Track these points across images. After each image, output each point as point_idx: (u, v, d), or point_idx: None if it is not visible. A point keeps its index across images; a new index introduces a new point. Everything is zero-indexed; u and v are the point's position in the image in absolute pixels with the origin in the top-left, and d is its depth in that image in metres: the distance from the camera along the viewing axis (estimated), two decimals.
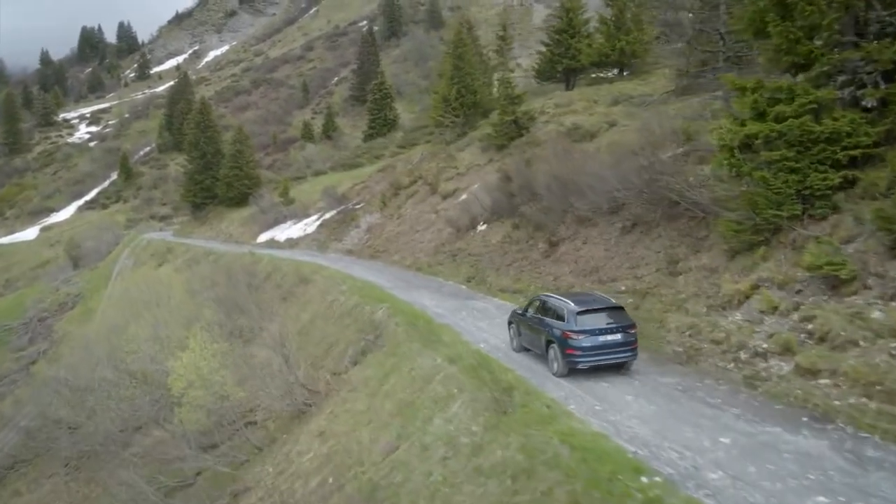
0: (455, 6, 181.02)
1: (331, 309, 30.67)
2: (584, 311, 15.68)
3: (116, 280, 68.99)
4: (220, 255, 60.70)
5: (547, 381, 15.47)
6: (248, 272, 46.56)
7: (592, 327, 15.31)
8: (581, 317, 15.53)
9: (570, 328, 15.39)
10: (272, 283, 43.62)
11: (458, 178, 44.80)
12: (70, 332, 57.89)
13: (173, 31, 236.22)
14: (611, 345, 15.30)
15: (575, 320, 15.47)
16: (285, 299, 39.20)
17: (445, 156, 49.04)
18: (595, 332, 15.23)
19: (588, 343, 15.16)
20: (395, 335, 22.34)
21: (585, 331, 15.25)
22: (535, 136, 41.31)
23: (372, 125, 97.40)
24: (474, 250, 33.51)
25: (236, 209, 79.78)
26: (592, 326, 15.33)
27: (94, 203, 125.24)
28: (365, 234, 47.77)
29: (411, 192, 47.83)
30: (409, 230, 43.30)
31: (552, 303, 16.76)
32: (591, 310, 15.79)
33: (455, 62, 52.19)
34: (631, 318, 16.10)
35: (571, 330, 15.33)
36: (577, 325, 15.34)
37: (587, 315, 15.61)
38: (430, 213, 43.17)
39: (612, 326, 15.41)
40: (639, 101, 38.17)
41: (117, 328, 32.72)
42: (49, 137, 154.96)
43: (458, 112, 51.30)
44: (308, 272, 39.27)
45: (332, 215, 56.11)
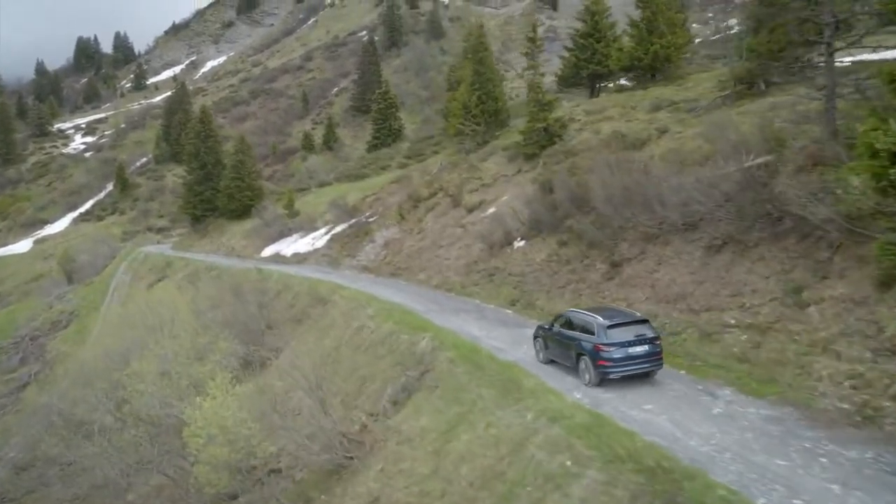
0: (455, 17, 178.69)
1: (359, 336, 27.06)
2: (613, 324, 16.32)
3: (113, 296, 65.09)
4: (222, 271, 57.00)
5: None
6: (256, 290, 42.96)
7: (622, 340, 15.93)
8: (611, 330, 16.14)
9: (601, 341, 16.03)
10: (283, 302, 39.98)
11: (484, 190, 41.35)
12: (64, 353, 53.99)
13: (170, 42, 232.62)
14: (639, 356, 15.92)
15: (605, 334, 16.08)
16: (300, 321, 35.57)
17: (467, 166, 45.61)
18: (624, 345, 15.87)
19: (619, 355, 15.79)
20: (452, 375, 18.77)
21: (615, 343, 15.87)
22: (569, 144, 37.97)
23: (376, 135, 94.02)
24: (515, 269, 30.00)
25: (238, 222, 76.04)
26: (622, 339, 15.95)
27: (89, 215, 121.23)
28: (382, 250, 44.20)
29: (431, 204, 44.33)
30: (432, 246, 39.78)
31: (581, 318, 17.40)
32: (620, 324, 16.42)
33: (475, 67, 48.85)
34: (656, 331, 16.77)
35: (603, 343, 15.97)
36: (608, 339, 15.97)
37: (616, 329, 16.21)
38: (455, 228, 39.67)
39: (640, 339, 16.04)
40: (687, 107, 34.83)
41: (117, 356, 29.03)
42: (43, 148, 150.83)
43: (479, 120, 47.92)
44: (325, 292, 35.66)
45: (343, 229, 52.52)
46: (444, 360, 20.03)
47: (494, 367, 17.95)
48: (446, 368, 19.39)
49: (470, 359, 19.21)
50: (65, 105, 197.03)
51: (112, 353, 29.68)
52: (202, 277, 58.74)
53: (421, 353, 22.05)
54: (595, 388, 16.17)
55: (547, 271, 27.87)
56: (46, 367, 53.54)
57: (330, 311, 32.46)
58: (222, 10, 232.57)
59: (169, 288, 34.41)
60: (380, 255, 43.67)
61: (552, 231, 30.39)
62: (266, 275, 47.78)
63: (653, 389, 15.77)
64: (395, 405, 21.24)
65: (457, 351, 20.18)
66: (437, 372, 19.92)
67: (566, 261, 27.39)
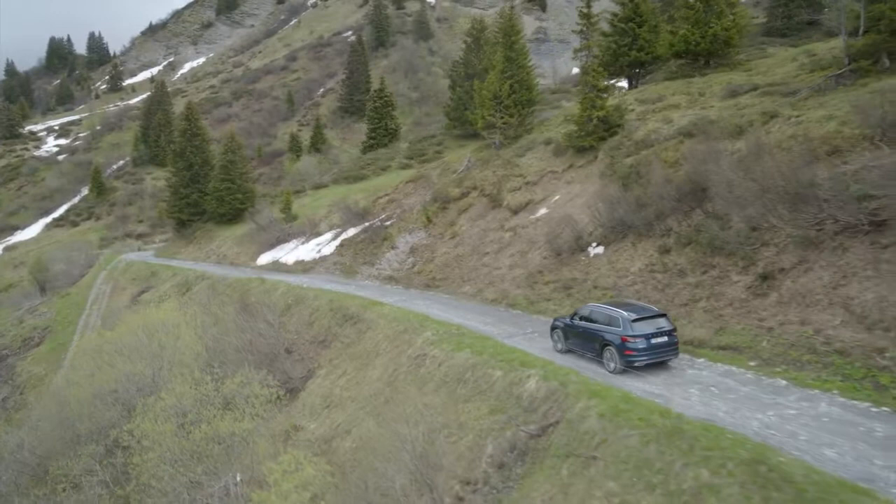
0: (442, 17, 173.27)
1: (422, 368, 21.08)
2: (637, 318, 17.28)
3: (92, 310, 58.14)
4: (215, 281, 50.62)
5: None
6: (267, 306, 36.75)
7: (645, 332, 16.96)
8: (635, 324, 17.11)
9: (627, 333, 17.05)
10: (299, 319, 33.79)
11: (529, 189, 35.63)
12: (37, 377, 47.07)
13: (147, 43, 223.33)
14: (660, 346, 16.98)
15: (631, 327, 17.07)
16: (325, 343, 29.43)
17: (501, 162, 39.86)
18: (648, 336, 16.92)
19: (643, 345, 16.87)
20: (619, 442, 12.86)
21: (640, 335, 16.91)
22: (635, 135, 32.42)
23: (372, 135, 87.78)
24: (604, 281, 24.23)
25: (228, 227, 69.47)
26: (645, 332, 16.98)
27: (62, 220, 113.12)
28: (408, 257, 38.21)
29: (464, 205, 38.48)
30: (473, 253, 33.92)
31: (605, 312, 18.26)
32: (643, 317, 17.36)
33: (506, 53, 43.20)
34: (673, 324, 17.77)
35: (629, 335, 17.00)
36: (633, 331, 17.00)
37: (640, 322, 17.19)
38: (499, 232, 33.89)
39: (660, 331, 17.07)
40: (781, 91, 29.42)
41: (108, 396, 22.77)
42: (14, 150, 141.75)
43: (511, 111, 42.21)
44: (356, 308, 29.56)
45: (354, 234, 46.38)
46: (586, 415, 14.16)
47: (695, 434, 12.07)
48: (597, 428, 13.48)
49: (634, 416, 13.35)
50: (36, 107, 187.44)
51: (102, 393, 23.33)
52: (195, 288, 52.31)
53: (531, 398, 16.18)
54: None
55: (652, 284, 22.16)
56: (16, 392, 46.59)
57: (368, 333, 26.37)
58: (201, 11, 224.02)
59: (166, 306, 28.18)
60: (406, 264, 37.67)
61: (642, 234, 24.76)
62: (270, 286, 41.53)
63: None
64: (501, 470, 15.37)
65: (602, 401, 14.31)
66: (575, 430, 14.03)
67: (678, 271, 21.69)
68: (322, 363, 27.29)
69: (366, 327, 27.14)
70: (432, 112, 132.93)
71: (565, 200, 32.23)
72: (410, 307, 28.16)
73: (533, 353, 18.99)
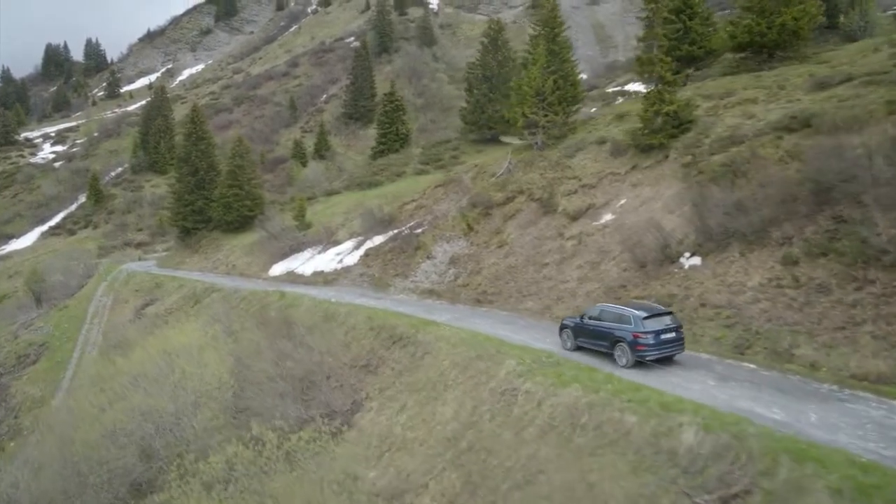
0: (445, 24, 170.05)
1: (516, 407, 17.07)
2: (648, 316, 18.24)
3: (92, 324, 53.87)
4: (227, 294, 46.51)
5: None
6: (286, 321, 32.74)
7: (655, 329, 17.90)
8: (646, 321, 18.09)
9: (639, 330, 18.00)
10: (332, 339, 29.69)
11: (587, 192, 31.74)
12: (33, 399, 42.75)
13: (145, 50, 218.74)
14: (668, 341, 17.94)
15: (642, 324, 18.04)
16: (370, 369, 25.36)
17: (549, 164, 36.01)
18: (658, 332, 17.84)
19: (653, 340, 17.77)
20: None
21: (650, 331, 17.86)
22: (711, 131, 28.65)
23: (382, 140, 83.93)
24: (712, 298, 20.31)
25: (236, 235, 65.32)
26: (655, 328, 17.92)
27: (59, 229, 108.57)
28: (448, 268, 34.22)
29: (510, 211, 34.55)
30: (528, 263, 29.98)
31: (616, 311, 19.18)
32: (652, 315, 18.33)
33: (549, 46, 39.43)
34: (679, 321, 18.70)
35: (640, 331, 17.95)
36: (644, 328, 17.97)
37: (650, 320, 18.15)
38: (558, 240, 29.97)
39: (668, 328, 18.05)
40: (883, 79, 25.71)
41: (125, 440, 18.70)
42: (9, 157, 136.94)
43: (556, 109, 38.39)
44: (405, 328, 25.53)
45: (381, 242, 42.35)
46: (804, 486, 10.21)
47: None
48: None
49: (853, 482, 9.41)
50: (32, 114, 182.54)
51: (114, 432, 19.22)
52: (204, 301, 48.17)
53: (691, 455, 12.21)
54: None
55: (783, 302, 18.24)
56: (10, 416, 42.23)
57: (426, 359, 22.35)
58: (200, 18, 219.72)
59: (188, 327, 24.05)
60: (447, 276, 33.68)
61: (752, 243, 20.89)
62: (292, 300, 37.48)
63: None
64: None
65: (825, 469, 10.33)
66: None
67: (817, 286, 17.80)
68: (370, 393, 23.22)
69: (421, 351, 23.12)
70: (438, 119, 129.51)
71: (635, 205, 28.36)
72: (471, 327, 24.15)
73: (669, 391, 15.02)
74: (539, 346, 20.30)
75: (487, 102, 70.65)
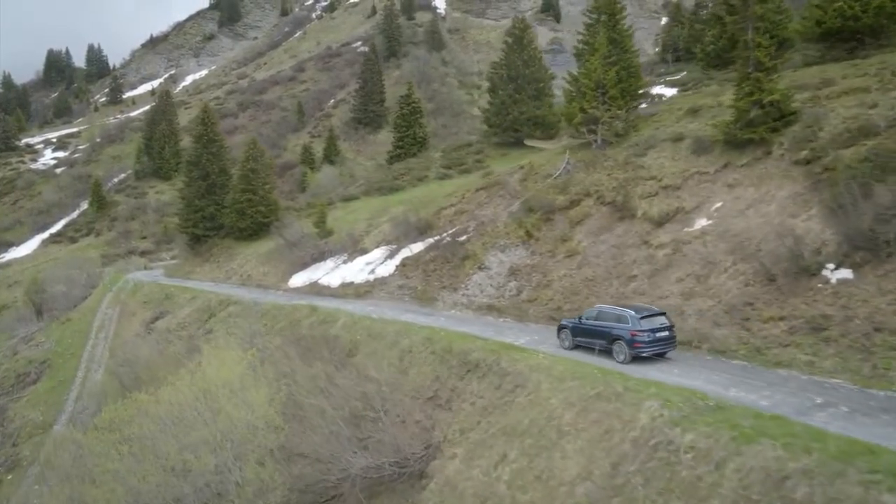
0: (453, 28, 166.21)
1: (682, 468, 12.71)
2: (643, 316, 19.39)
3: (98, 339, 49.37)
4: (246, 307, 42.18)
5: None
6: (325, 340, 28.40)
7: (650, 327, 19.08)
8: (642, 321, 19.18)
9: (636, 328, 19.06)
10: (380, 362, 25.36)
11: (670, 195, 27.45)
12: (35, 424, 38.24)
13: (147, 55, 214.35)
14: (662, 339, 19.13)
15: (639, 323, 19.11)
16: (438, 402, 20.99)
17: (616, 164, 31.75)
18: (653, 331, 19.02)
19: (649, 338, 18.92)
20: None
21: (646, 330, 18.99)
22: (822, 123, 24.44)
23: (399, 144, 79.81)
24: (890, 322, 16.02)
25: (250, 243, 60.89)
26: (650, 327, 19.09)
27: (60, 236, 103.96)
28: (508, 281, 29.84)
29: (576, 216, 30.22)
30: (609, 276, 25.66)
31: (614, 312, 20.22)
32: (648, 315, 19.49)
33: (609, 34, 35.27)
34: (671, 320, 19.74)
35: (637, 329, 19.02)
36: (640, 326, 19.05)
37: (646, 319, 19.27)
38: (644, 249, 25.66)
39: (662, 326, 19.23)
40: None
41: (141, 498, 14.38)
42: (9, 163, 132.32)
43: (619, 103, 34.19)
44: (481, 353, 21.11)
45: (419, 251, 37.99)
46: None
47: None
48: None
49: None
50: (33, 120, 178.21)
51: (142, 496, 14.86)
52: (220, 315, 43.79)
53: None
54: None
55: None
56: (8, 443, 37.71)
57: (522, 395, 17.96)
58: (203, 24, 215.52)
59: (229, 356, 19.80)
60: (507, 289, 29.30)
61: None
62: (325, 315, 33.14)
63: None
64: None
65: None
66: None
67: None
68: (448, 435, 18.85)
69: (511, 384, 18.75)
70: (449, 123, 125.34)
71: (738, 208, 24.07)
72: (568, 354, 19.84)
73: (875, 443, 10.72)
74: (678, 383, 15.95)
75: (512, 104, 66.56)
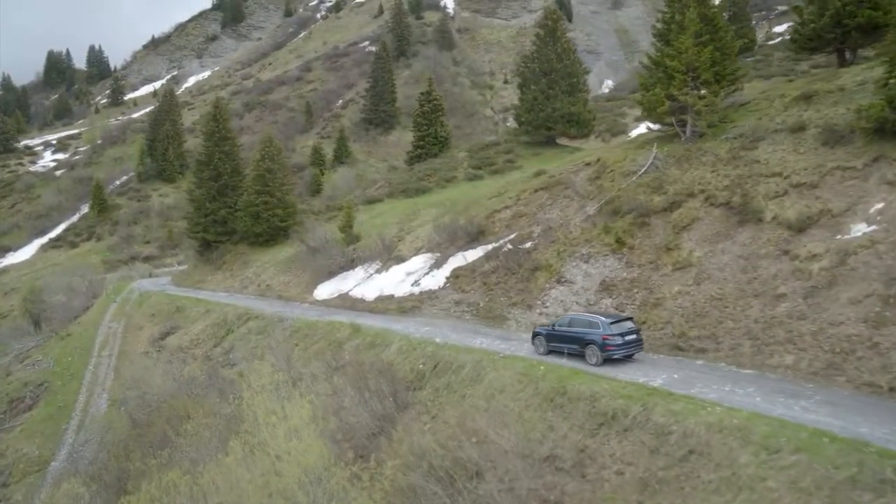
0: (463, 28, 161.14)
1: None
2: (614, 321, 20.29)
3: (101, 357, 43.88)
4: (269, 322, 36.93)
5: None
6: (384, 373, 23.07)
7: (620, 332, 19.96)
8: (612, 326, 20.05)
9: (608, 332, 19.92)
10: (460, 402, 20.05)
11: (805, 194, 22.14)
12: (29, 460, 32.73)
13: (149, 57, 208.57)
14: (630, 342, 20.04)
15: (609, 328, 19.98)
16: (562, 467, 15.65)
17: (718, 159, 26.45)
18: (622, 334, 19.93)
19: (619, 342, 19.81)
20: None
21: (616, 334, 19.89)
22: None
23: (419, 143, 74.15)
24: None
25: (266, 249, 55.54)
26: (620, 331, 19.97)
27: (60, 241, 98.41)
28: (600, 298, 24.41)
29: (680, 220, 24.87)
30: (744, 294, 20.30)
31: (585, 319, 21.15)
32: (617, 320, 20.43)
33: (700, 10, 29.97)
34: (637, 325, 20.97)
35: (609, 334, 19.89)
36: (612, 331, 19.91)
37: (615, 324, 20.15)
38: (786, 261, 20.36)
39: (630, 329, 20.23)
40: None
41: None
42: (7, 165, 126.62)
43: (714, 88, 28.92)
44: (612, 398, 15.85)
45: (474, 260, 32.63)
46: None
47: None
48: None
49: None
50: (33, 122, 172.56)
51: None
52: (238, 331, 38.40)
53: None
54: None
55: None
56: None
57: (695, 463, 12.65)
58: (205, 24, 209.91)
59: (297, 414, 14.84)
60: (602, 308, 23.97)
61: None
62: (373, 337, 27.80)
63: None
64: None
65: None
66: None
67: None
68: None
69: (681, 449, 13.39)
70: (462, 124, 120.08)
71: None
72: (745, 404, 14.49)
73: None
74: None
75: (545, 100, 61.34)
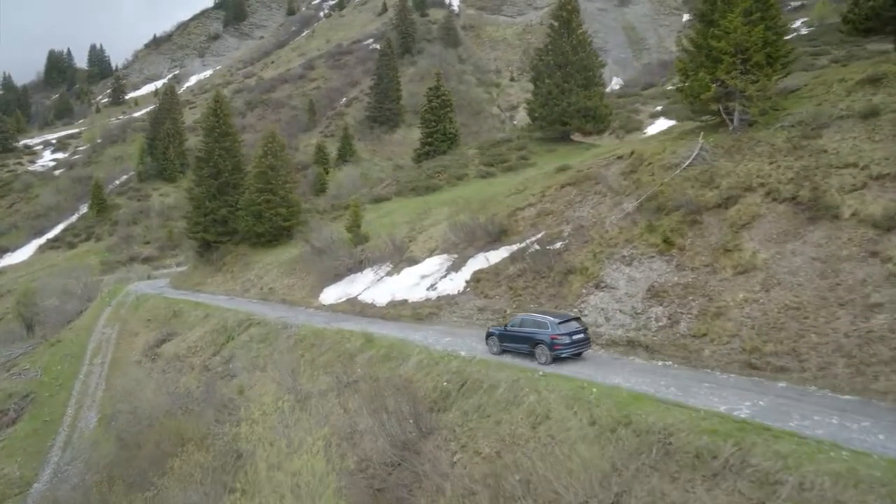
0: (468, 25, 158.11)
1: None
2: (562, 321, 20.40)
3: (92, 366, 40.84)
4: (272, 330, 33.93)
5: None
6: (404, 392, 20.05)
7: (568, 331, 20.12)
8: (560, 325, 20.21)
9: (556, 332, 20.09)
10: (501, 434, 17.00)
11: (890, 186, 19.12)
12: (11, 481, 29.69)
13: (150, 56, 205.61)
14: (578, 341, 20.22)
15: (557, 328, 20.14)
16: None
17: (777, 149, 23.39)
18: (570, 334, 20.10)
19: (567, 341, 20.00)
20: None
21: (564, 333, 20.04)
22: None
23: (427, 141, 71.01)
24: None
25: (268, 250, 52.53)
26: (568, 331, 20.13)
27: (58, 241, 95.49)
28: (649, 306, 21.33)
29: (737, 217, 21.76)
30: (826, 303, 17.23)
31: (535, 319, 21.08)
32: (565, 320, 20.49)
33: None
34: (585, 325, 20.96)
35: (557, 333, 20.05)
36: (560, 331, 20.09)
37: (564, 324, 20.29)
38: (876, 263, 17.31)
39: (577, 330, 20.29)
40: None
41: None
42: (6, 165, 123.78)
43: (766, 72, 25.83)
44: (693, 433, 12.77)
45: (496, 262, 29.56)
46: None
47: None
48: None
49: None
50: (33, 121, 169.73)
51: None
52: (239, 338, 35.38)
53: None
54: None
55: None
56: None
57: None
58: (207, 23, 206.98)
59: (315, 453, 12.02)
60: (650, 317, 20.79)
61: None
62: (388, 349, 24.75)
63: None
64: None
65: None
66: None
67: None
68: None
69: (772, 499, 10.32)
70: (468, 122, 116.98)
71: None
72: (868, 445, 11.44)
73: None
74: None
75: (560, 94, 58.28)
